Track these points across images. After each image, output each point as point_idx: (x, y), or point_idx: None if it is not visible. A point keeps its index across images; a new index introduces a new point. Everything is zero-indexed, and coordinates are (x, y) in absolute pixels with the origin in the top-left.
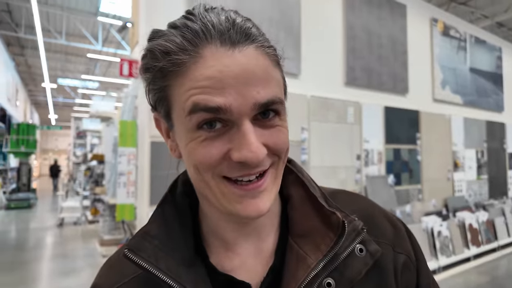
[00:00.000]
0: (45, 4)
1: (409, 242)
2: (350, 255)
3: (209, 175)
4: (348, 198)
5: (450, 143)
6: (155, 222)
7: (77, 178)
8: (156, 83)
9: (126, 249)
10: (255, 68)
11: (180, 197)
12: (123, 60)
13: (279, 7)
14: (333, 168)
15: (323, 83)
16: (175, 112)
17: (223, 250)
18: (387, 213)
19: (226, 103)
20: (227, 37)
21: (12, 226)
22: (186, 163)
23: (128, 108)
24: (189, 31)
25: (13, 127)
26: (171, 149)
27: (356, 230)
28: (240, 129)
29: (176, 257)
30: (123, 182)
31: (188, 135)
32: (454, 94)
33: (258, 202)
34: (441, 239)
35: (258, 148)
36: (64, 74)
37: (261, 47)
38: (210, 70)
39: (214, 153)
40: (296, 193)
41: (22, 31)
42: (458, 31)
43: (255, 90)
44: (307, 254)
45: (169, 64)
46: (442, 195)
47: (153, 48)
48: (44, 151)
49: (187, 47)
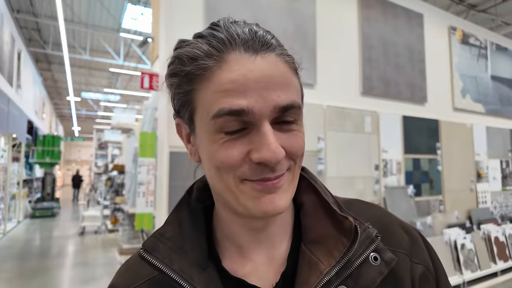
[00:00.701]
0: (71, 22)
1: (427, 253)
2: (364, 263)
3: (230, 176)
4: (362, 206)
5: (473, 153)
6: (170, 224)
7: (98, 188)
8: (182, 87)
9: (141, 249)
10: (275, 74)
11: (195, 202)
12: (144, 74)
13: (294, 20)
14: (350, 178)
15: (340, 93)
16: (199, 115)
17: (236, 256)
18: (403, 223)
19: (249, 105)
20: (250, 45)
21: (36, 234)
22: (207, 165)
23: (148, 120)
24: (215, 39)
25: (39, 138)
26: (191, 153)
27: (370, 238)
28: (260, 130)
29: (189, 259)
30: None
31: (210, 137)
32: (475, 102)
33: (274, 197)
34: (465, 253)
35: (277, 148)
36: (88, 88)
37: (280, 55)
38: (234, 74)
39: (235, 154)
40: (308, 199)
41: (49, 47)
42: (478, 39)
43: (275, 94)
44: (320, 260)
45: (196, 69)
46: (465, 206)
47: (181, 55)
48: (67, 162)
49: (213, 53)
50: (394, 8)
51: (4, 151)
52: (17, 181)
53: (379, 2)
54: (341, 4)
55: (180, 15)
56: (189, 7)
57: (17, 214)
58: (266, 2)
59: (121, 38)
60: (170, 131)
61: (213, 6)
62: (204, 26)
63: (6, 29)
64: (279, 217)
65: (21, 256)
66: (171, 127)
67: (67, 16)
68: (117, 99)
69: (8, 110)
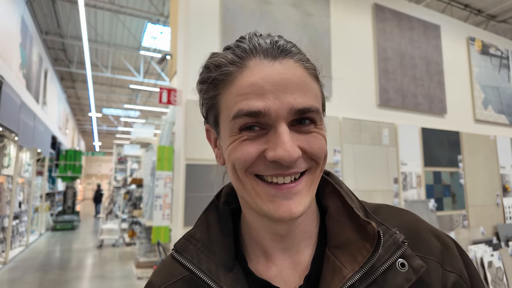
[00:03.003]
0: (95, 42)
1: (461, 260)
2: (391, 269)
3: (243, 172)
4: (392, 212)
5: (497, 165)
6: (200, 227)
7: (116, 201)
8: (208, 92)
9: (173, 249)
10: (292, 77)
11: (223, 206)
12: (162, 89)
13: (309, 34)
14: (368, 191)
15: (355, 105)
16: (222, 117)
17: (262, 259)
18: (435, 229)
19: (266, 107)
20: (270, 52)
21: (57, 247)
22: (227, 165)
23: (166, 134)
24: (239, 49)
25: (61, 153)
26: (217, 156)
27: (397, 243)
28: (276, 131)
29: (216, 261)
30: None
31: (230, 137)
32: (498, 114)
33: (290, 203)
34: (493, 271)
35: (291, 147)
36: (109, 104)
37: (299, 61)
38: (253, 78)
39: (251, 151)
40: (333, 204)
41: (74, 66)
42: (499, 49)
43: (292, 97)
44: (343, 265)
45: (219, 75)
46: (491, 222)
47: (208, 64)
48: (88, 176)
49: (235, 60)
50: (410, 21)
51: (29, 165)
52: (40, 195)
53: (395, 15)
54: (356, 18)
55: (197, 33)
56: (206, 24)
57: (39, 227)
58: (282, 17)
59: (141, 56)
60: (187, 143)
61: (230, 23)
62: (220, 42)
63: (34, 49)
64: (302, 222)
65: (42, 268)
66: (188, 140)
67: (91, 36)
68: (137, 114)
69: (34, 126)
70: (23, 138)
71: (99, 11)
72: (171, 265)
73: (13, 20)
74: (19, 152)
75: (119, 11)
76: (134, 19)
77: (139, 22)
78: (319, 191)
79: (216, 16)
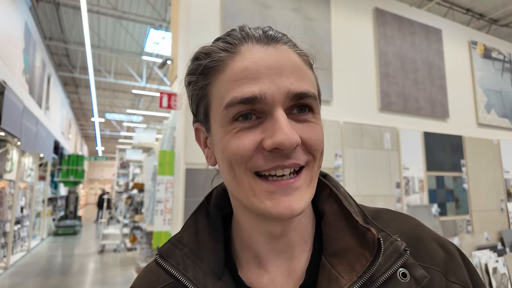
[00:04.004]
0: (98, 47)
1: (465, 270)
2: (391, 280)
3: (242, 169)
4: (392, 217)
5: (501, 170)
6: (187, 230)
7: (118, 206)
8: (198, 83)
9: (157, 254)
10: (287, 62)
11: (213, 209)
12: (163, 93)
13: (309, 38)
14: (370, 196)
15: (357, 109)
16: (213, 108)
17: (253, 266)
18: (438, 236)
19: (261, 91)
20: (263, 37)
21: (58, 252)
22: (220, 162)
23: (168, 139)
24: (230, 37)
25: (64, 158)
26: (207, 157)
27: (398, 252)
28: (273, 117)
29: (204, 268)
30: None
31: (223, 129)
32: (502, 117)
33: (290, 199)
34: (497, 277)
35: (291, 131)
36: (111, 109)
37: (293, 47)
38: (246, 62)
39: (247, 144)
40: (330, 208)
41: (77, 72)
42: (501, 53)
43: (288, 81)
44: (340, 274)
45: (210, 62)
46: (496, 227)
47: (197, 54)
48: (91, 181)
49: (227, 48)
50: (411, 25)
51: (32, 170)
52: (42, 199)
53: (396, 19)
54: (357, 22)
55: (197, 37)
56: (206, 30)
57: (41, 232)
58: (282, 21)
59: (143, 61)
60: (187, 148)
61: (230, 28)
62: None
63: (38, 55)
64: (298, 223)
65: (43, 273)
66: (188, 144)
67: (94, 42)
68: (140, 119)
69: (36, 131)
70: (26, 143)
71: (102, 17)
72: (156, 270)
73: (17, 26)
74: (22, 157)
75: (122, 16)
76: (136, 24)
77: (142, 27)
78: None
79: (216, 20)
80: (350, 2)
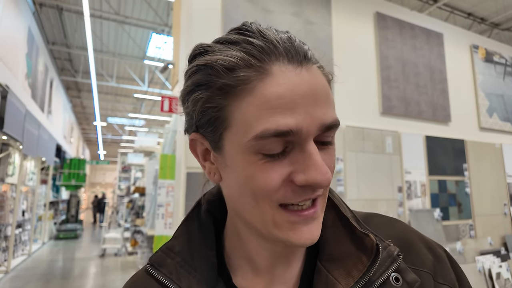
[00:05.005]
0: (100, 52)
1: (453, 272)
2: (385, 284)
3: (267, 203)
4: (383, 222)
5: (504, 174)
6: (179, 238)
7: (119, 210)
8: (214, 101)
9: (148, 264)
10: (321, 88)
11: (205, 214)
12: (164, 97)
13: (310, 42)
14: (372, 201)
15: (358, 113)
16: (233, 133)
17: (248, 273)
18: (426, 239)
19: (298, 125)
20: (294, 55)
21: (59, 256)
22: (239, 189)
23: (169, 143)
24: (253, 46)
25: (66, 162)
26: (209, 172)
27: (392, 257)
28: (304, 150)
29: (197, 276)
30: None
31: (246, 158)
32: (504, 121)
33: (311, 229)
34: (501, 283)
35: (326, 169)
36: (114, 113)
37: (320, 67)
38: (281, 88)
39: (275, 178)
40: (326, 213)
41: (79, 76)
42: (503, 56)
43: (321, 111)
44: (337, 280)
45: (234, 81)
46: (499, 232)
47: (213, 63)
48: (92, 185)
49: (253, 63)
50: (412, 29)
51: (33, 174)
52: (44, 203)
53: (396, 23)
54: (357, 26)
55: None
56: (207, 33)
57: (42, 236)
58: (283, 26)
59: (145, 65)
60: (188, 152)
61: None
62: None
63: (41, 59)
64: None
65: (44, 277)
66: (188, 148)
67: (96, 46)
68: (142, 123)
69: (38, 135)
70: (28, 147)
71: (104, 21)
72: (143, 280)
73: (20, 31)
74: (24, 160)
75: (124, 21)
76: (139, 29)
77: (144, 32)
78: None
79: (217, 25)
80: (351, 6)
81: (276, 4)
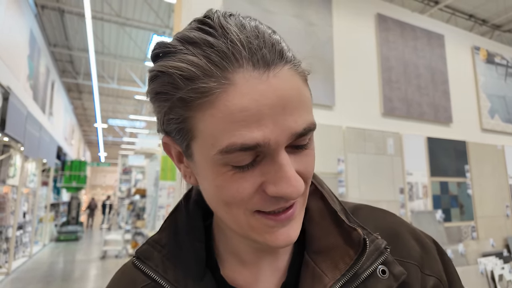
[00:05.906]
0: (101, 54)
1: (440, 263)
2: (372, 277)
3: (241, 211)
4: (371, 213)
5: (506, 176)
6: (166, 230)
7: (120, 212)
8: (175, 112)
9: (134, 257)
10: (291, 94)
11: (193, 206)
12: None
13: (311, 43)
14: (373, 202)
15: (359, 114)
16: (199, 144)
17: (236, 265)
18: (415, 231)
19: (265, 138)
20: (260, 57)
21: (60, 258)
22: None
23: None
24: (214, 51)
25: (67, 163)
26: (185, 175)
27: (379, 250)
28: (275, 161)
29: (184, 268)
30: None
31: (215, 169)
32: (506, 123)
33: (288, 230)
34: (503, 285)
35: (297, 182)
36: (114, 115)
37: (293, 66)
38: (245, 100)
39: (247, 187)
40: (314, 206)
41: (81, 78)
42: (504, 58)
43: (292, 120)
44: (324, 272)
45: (193, 93)
46: (502, 234)
47: (170, 72)
48: (93, 187)
49: (214, 72)
50: (413, 30)
51: (34, 176)
52: (45, 205)
53: (398, 24)
54: (358, 27)
55: None
56: None
57: (43, 237)
58: (284, 27)
59: (146, 67)
60: None
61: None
62: None
63: (42, 61)
64: None
65: (45, 279)
66: None
67: (98, 48)
68: (143, 125)
69: (39, 136)
70: (29, 149)
71: (106, 23)
72: (132, 271)
73: (22, 33)
74: (25, 162)
75: (126, 23)
76: (140, 31)
77: (145, 34)
78: None
79: None
80: (352, 7)
81: (277, 5)
